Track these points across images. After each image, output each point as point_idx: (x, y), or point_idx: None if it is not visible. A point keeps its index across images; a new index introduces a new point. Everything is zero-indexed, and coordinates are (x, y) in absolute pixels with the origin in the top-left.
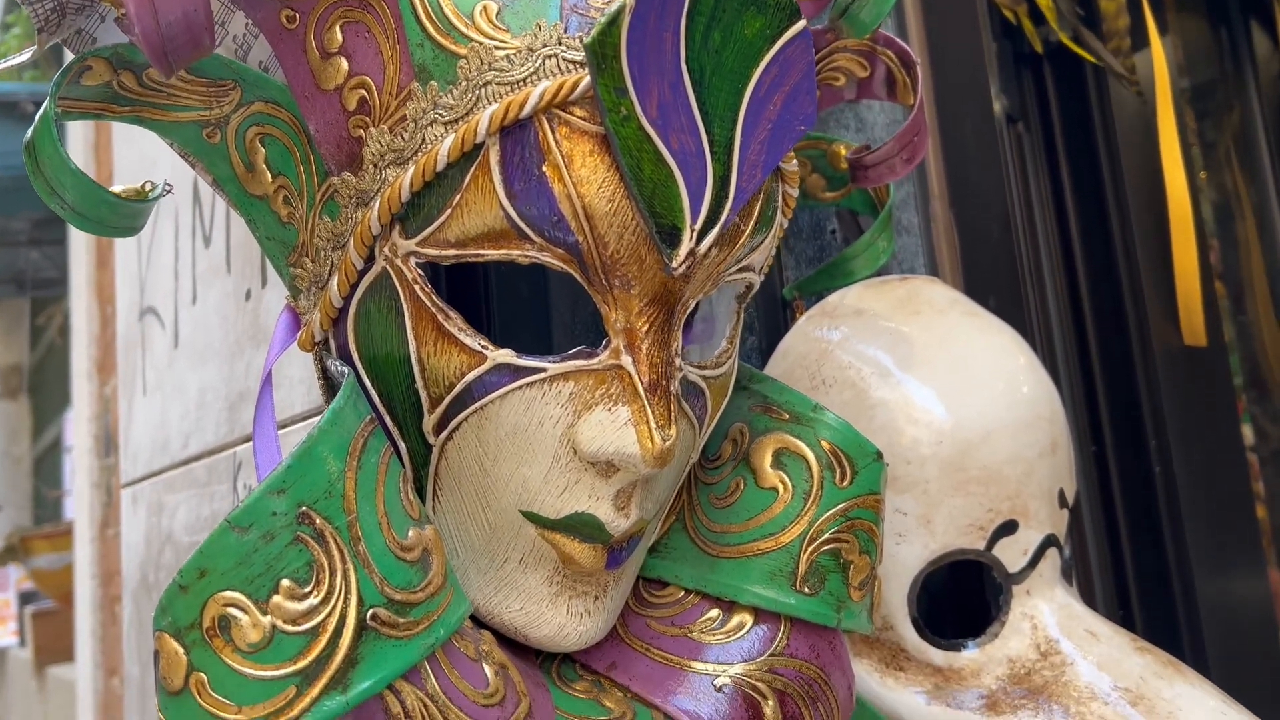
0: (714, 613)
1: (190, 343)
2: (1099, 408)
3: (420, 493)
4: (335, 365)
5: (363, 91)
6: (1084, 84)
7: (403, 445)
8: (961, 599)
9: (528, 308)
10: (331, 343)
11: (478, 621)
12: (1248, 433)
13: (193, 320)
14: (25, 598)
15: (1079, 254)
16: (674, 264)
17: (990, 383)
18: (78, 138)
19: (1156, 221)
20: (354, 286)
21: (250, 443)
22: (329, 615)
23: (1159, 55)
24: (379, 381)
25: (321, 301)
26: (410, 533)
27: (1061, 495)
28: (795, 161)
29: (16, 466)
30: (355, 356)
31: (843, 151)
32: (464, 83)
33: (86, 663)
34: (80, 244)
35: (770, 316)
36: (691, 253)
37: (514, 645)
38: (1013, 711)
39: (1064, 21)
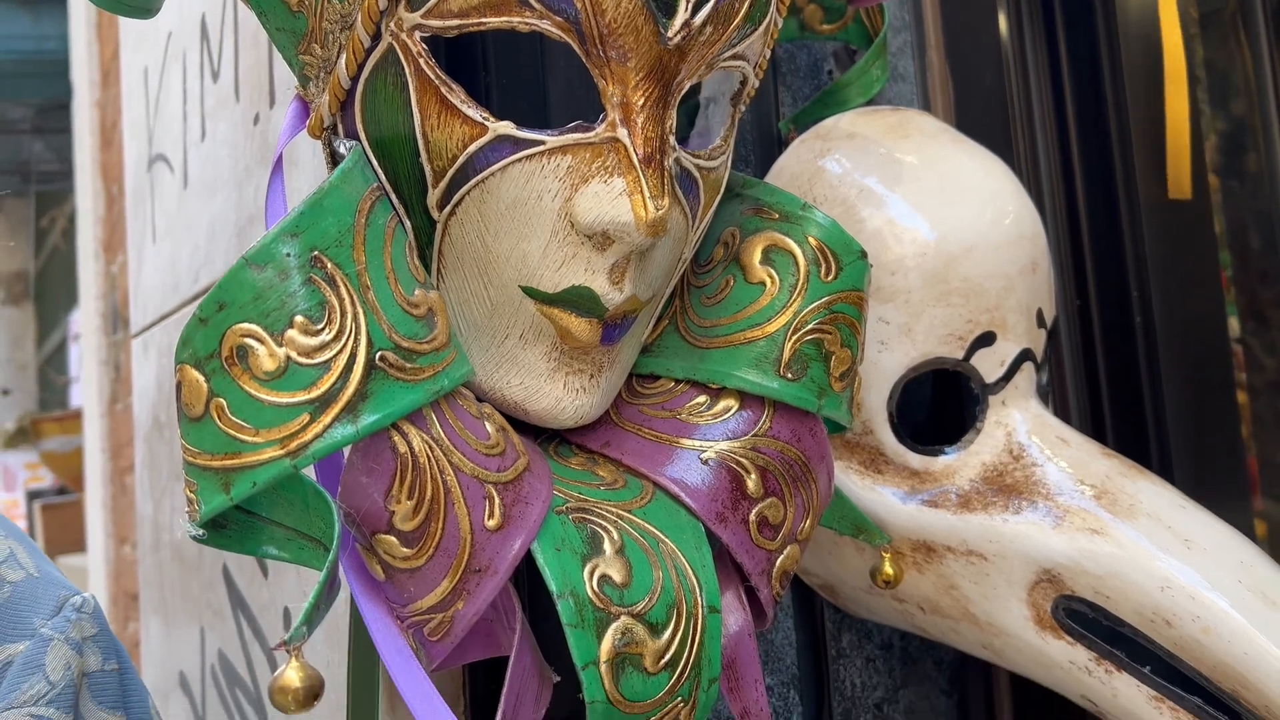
0: (702, 398)
1: (200, 179)
2: (1085, 261)
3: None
4: (344, 145)
5: None
6: None
7: (408, 224)
8: (940, 419)
9: (526, 89)
10: (340, 127)
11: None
12: (1234, 324)
13: (201, 157)
14: (33, 495)
15: (1070, 106)
16: (669, 34)
17: (975, 200)
18: (80, 15)
19: (1149, 79)
20: (361, 66)
21: None
22: (340, 352)
23: None
24: (386, 160)
25: (330, 84)
26: (416, 291)
27: (1040, 315)
28: None
29: (22, 372)
30: (363, 137)
31: None
32: None
33: (98, 533)
34: (84, 125)
35: (765, 150)
36: (686, 24)
37: (514, 424)
38: (984, 508)
39: None
